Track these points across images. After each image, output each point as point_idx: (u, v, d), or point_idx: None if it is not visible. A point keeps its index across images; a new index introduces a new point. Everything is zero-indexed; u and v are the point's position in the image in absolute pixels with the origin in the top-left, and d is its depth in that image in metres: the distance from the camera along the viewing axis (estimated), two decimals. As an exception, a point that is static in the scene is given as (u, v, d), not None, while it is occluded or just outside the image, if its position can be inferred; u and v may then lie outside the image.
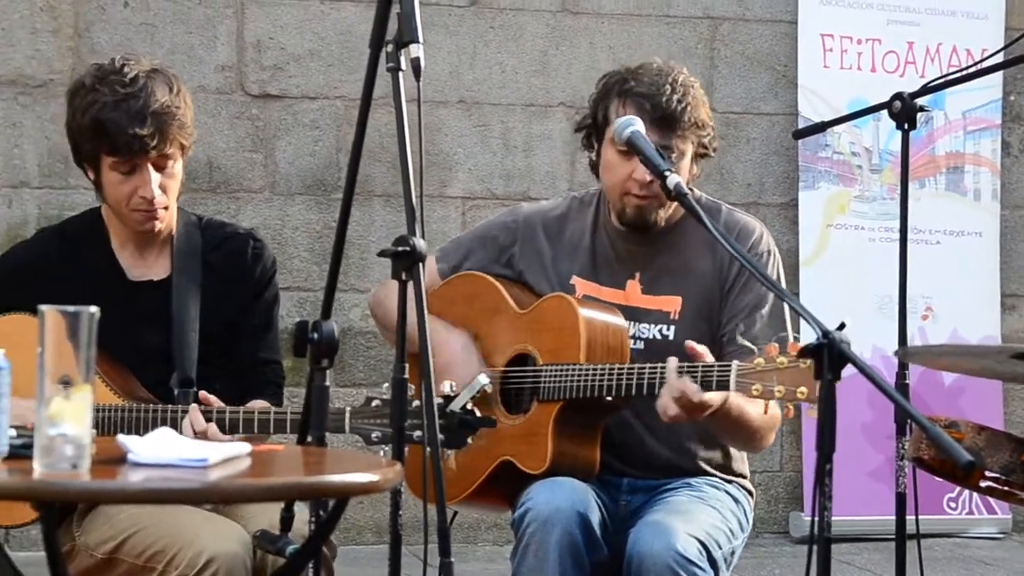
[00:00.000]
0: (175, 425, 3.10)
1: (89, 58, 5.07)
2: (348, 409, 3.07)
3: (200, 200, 5.27)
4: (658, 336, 3.40)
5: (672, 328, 3.40)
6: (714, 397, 3.14)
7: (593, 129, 3.45)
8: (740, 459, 3.53)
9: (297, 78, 5.44)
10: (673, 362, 3.14)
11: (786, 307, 3.37)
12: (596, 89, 3.45)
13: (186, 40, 5.28)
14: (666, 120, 3.30)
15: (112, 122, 3.17)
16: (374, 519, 5.57)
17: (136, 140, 3.17)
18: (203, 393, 3.19)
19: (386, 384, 2.87)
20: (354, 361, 5.61)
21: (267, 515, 3.00)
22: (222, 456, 2.35)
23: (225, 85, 5.33)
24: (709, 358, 3.16)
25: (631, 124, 3.22)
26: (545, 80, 5.64)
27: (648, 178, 3.31)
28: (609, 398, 3.26)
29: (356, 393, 5.29)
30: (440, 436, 2.79)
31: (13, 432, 2.32)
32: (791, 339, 3.25)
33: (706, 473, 3.46)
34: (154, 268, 3.36)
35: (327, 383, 2.71)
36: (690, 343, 3.18)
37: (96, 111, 3.18)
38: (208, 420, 3.12)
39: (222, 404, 3.17)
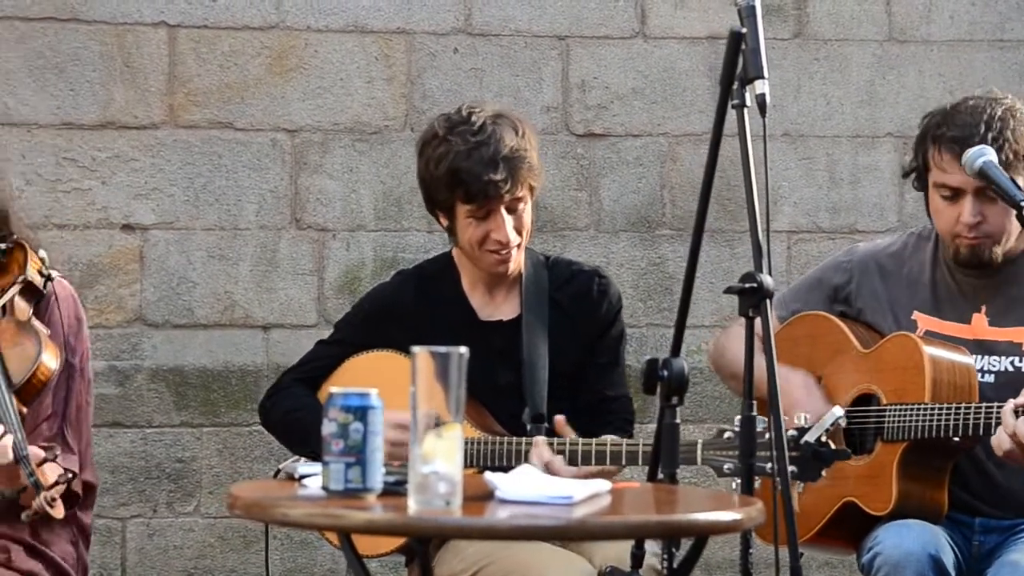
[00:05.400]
0: (528, 458, 3.18)
1: (421, 105, 5.21)
2: (700, 441, 3.09)
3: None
4: (1010, 368, 3.33)
5: (1024, 359, 3.33)
6: None
7: (918, 172, 3.40)
8: (1100, 495, 3.41)
9: (621, 116, 5.48)
10: (1009, 403, 3.08)
11: None
12: (919, 129, 3.40)
13: (512, 83, 5.38)
14: None
15: (466, 170, 3.27)
16: (704, 555, 5.54)
17: (491, 185, 3.27)
18: (559, 418, 3.24)
19: (738, 417, 2.87)
20: (680, 397, 5.60)
21: (611, 550, 3.03)
22: (586, 493, 2.38)
23: (551, 125, 5.40)
24: None
25: (983, 154, 3.16)
26: (872, 111, 5.54)
27: (976, 219, 3.26)
28: (956, 438, 3.19)
29: (682, 429, 5.27)
30: (792, 468, 2.77)
31: (383, 469, 2.40)
32: None
33: (1064, 511, 3.36)
34: (503, 308, 3.44)
35: (677, 420, 2.72)
36: None
37: (450, 161, 3.29)
38: (556, 452, 3.17)
39: (574, 435, 3.22)
